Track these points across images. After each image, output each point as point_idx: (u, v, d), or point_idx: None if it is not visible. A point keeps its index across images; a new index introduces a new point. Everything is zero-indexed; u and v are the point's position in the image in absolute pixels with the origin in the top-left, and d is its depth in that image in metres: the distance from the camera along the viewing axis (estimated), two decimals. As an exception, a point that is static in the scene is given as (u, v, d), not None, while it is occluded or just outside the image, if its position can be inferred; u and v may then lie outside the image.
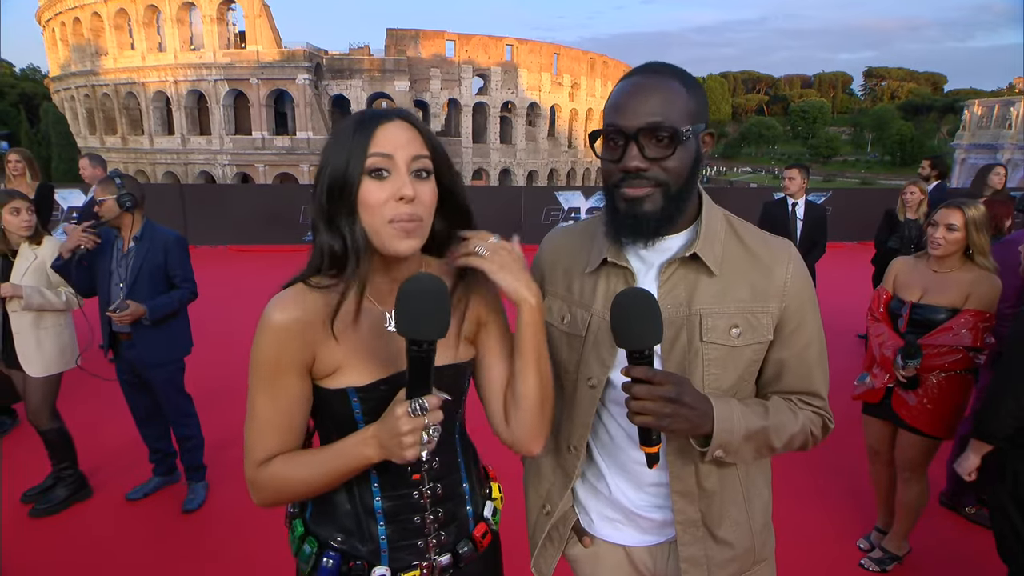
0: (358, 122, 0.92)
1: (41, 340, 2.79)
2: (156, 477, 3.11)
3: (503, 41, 39.71)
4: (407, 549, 1.04)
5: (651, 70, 0.99)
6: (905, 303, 2.41)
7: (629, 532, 1.19)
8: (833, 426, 1.11)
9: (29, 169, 4.43)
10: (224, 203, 10.36)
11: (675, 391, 0.92)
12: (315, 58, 33.99)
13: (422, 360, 0.83)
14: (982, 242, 2.29)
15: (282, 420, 0.96)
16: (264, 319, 0.92)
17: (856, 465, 2.95)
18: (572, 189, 11.37)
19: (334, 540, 1.03)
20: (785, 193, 4.72)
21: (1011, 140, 27.85)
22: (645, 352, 0.92)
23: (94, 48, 35.69)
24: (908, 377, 2.32)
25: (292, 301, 0.93)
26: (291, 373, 0.94)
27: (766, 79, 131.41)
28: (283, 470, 0.95)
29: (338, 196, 0.91)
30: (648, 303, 0.91)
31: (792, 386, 1.08)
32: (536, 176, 41.76)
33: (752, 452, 1.04)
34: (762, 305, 1.04)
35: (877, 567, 2.55)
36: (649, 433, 0.95)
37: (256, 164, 33.92)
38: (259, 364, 0.93)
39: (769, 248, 1.07)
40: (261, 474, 0.95)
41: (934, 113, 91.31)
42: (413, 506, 1.04)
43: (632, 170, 0.96)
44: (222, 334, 5.08)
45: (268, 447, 0.96)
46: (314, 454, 0.97)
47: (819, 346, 1.09)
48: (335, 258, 0.93)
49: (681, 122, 0.95)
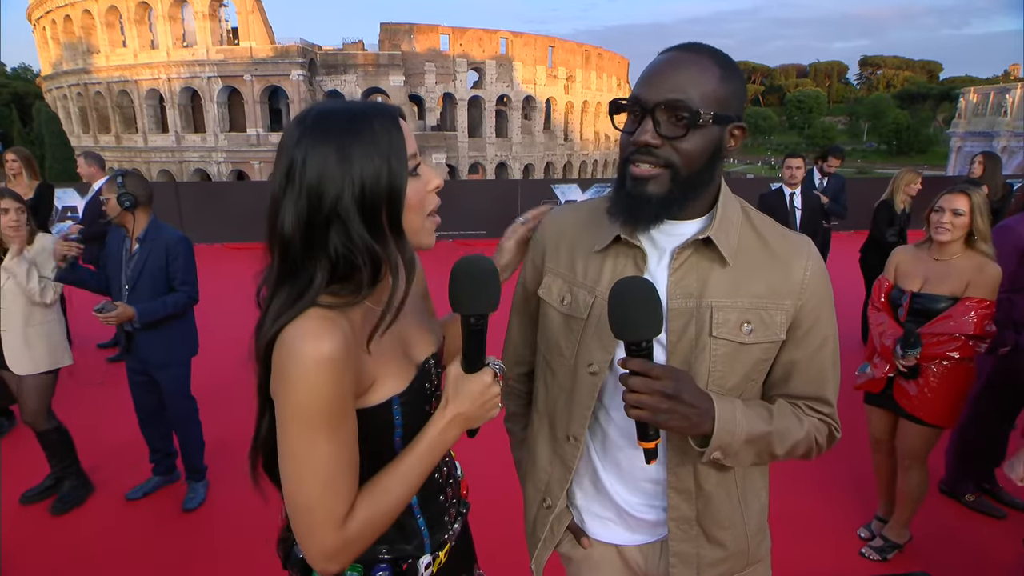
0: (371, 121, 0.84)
1: (30, 338, 2.76)
2: (156, 476, 3.10)
3: (498, 34, 39.56)
4: (440, 529, 1.06)
5: (690, 48, 0.94)
6: (905, 292, 2.40)
7: (619, 531, 1.16)
8: (839, 435, 1.07)
9: (27, 168, 4.40)
10: (220, 201, 10.32)
11: (673, 387, 0.89)
12: (309, 54, 33.84)
13: (479, 332, 0.90)
14: (985, 227, 2.29)
15: (352, 460, 0.85)
16: (303, 358, 0.78)
17: (857, 453, 2.95)
18: (568, 182, 11.36)
19: (380, 554, 0.99)
20: (791, 182, 4.71)
21: (1006, 127, 27.85)
22: (643, 344, 0.89)
23: (86, 46, 35.48)
24: (909, 367, 2.32)
25: (327, 327, 0.81)
26: (350, 405, 0.84)
27: (761, 69, 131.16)
28: (375, 508, 0.86)
29: (383, 205, 0.84)
30: (648, 292, 0.86)
31: (800, 390, 1.03)
32: (532, 170, 41.68)
33: (752, 457, 0.99)
34: (777, 302, 0.99)
35: (878, 555, 2.56)
36: (646, 428, 0.92)
37: (251, 161, 33.82)
38: (317, 410, 0.79)
39: (788, 243, 1.02)
40: (351, 530, 0.83)
41: (930, 101, 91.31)
42: (437, 487, 1.06)
43: (642, 144, 0.92)
44: (221, 333, 5.05)
45: (348, 496, 0.83)
46: (397, 470, 0.89)
47: (833, 350, 1.04)
48: (348, 273, 0.85)
49: (705, 105, 0.90)
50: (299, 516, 0.82)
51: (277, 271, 0.85)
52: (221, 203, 10.24)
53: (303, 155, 0.81)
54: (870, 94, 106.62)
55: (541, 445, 1.20)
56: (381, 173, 0.83)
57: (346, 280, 0.85)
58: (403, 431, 0.93)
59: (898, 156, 75.41)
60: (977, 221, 2.27)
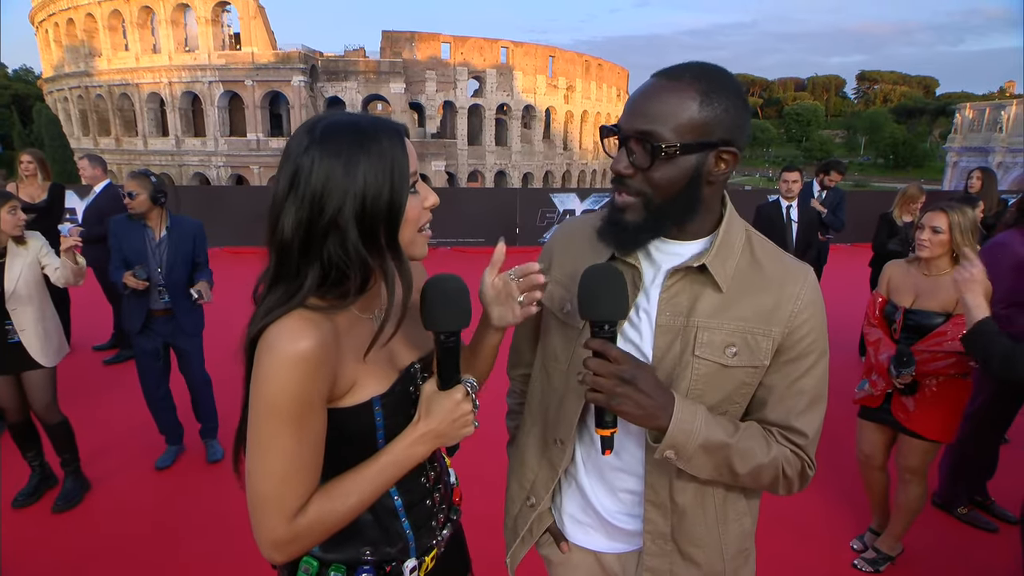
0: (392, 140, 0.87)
1: (48, 332, 2.85)
2: (172, 446, 3.44)
3: (498, 43, 39.76)
4: (426, 533, 1.07)
5: (671, 74, 0.93)
6: (899, 308, 2.42)
7: (598, 538, 1.18)
8: (813, 474, 1.03)
9: (41, 170, 4.54)
10: (219, 205, 10.32)
11: (630, 372, 0.90)
12: (310, 60, 33.95)
13: (452, 349, 0.92)
14: (966, 244, 2.29)
15: (313, 458, 0.88)
16: (279, 353, 0.82)
17: (850, 465, 2.96)
18: (567, 191, 11.37)
19: (363, 556, 1.01)
20: (787, 195, 4.76)
21: (1002, 143, 28.05)
22: (606, 327, 0.92)
23: (88, 49, 35.52)
24: (906, 384, 2.33)
25: (307, 328, 0.84)
26: (319, 405, 0.87)
27: (760, 82, 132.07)
28: (329, 507, 0.88)
29: (383, 220, 0.87)
30: (614, 276, 0.91)
31: (775, 417, 1.01)
32: (531, 178, 41.77)
33: (710, 467, 0.97)
34: (765, 328, 0.98)
35: (870, 567, 2.57)
36: (603, 414, 0.94)
37: (251, 166, 33.82)
38: (284, 404, 0.82)
39: (784, 270, 1.01)
40: (300, 524, 0.86)
41: (926, 116, 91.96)
42: (423, 492, 1.08)
43: (616, 174, 0.96)
44: (221, 337, 5.05)
45: (302, 492, 0.87)
46: (359, 476, 0.91)
47: (816, 381, 1.01)
48: (338, 279, 0.88)
49: (678, 135, 0.90)
50: (254, 503, 0.86)
51: (273, 271, 0.89)
52: (221, 207, 10.23)
53: (310, 164, 0.84)
54: (867, 108, 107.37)
55: (531, 445, 1.23)
56: (383, 190, 0.85)
57: (336, 285, 0.89)
58: (385, 432, 0.95)
59: (895, 170, 75.82)
60: (957, 238, 2.29)
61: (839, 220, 5.44)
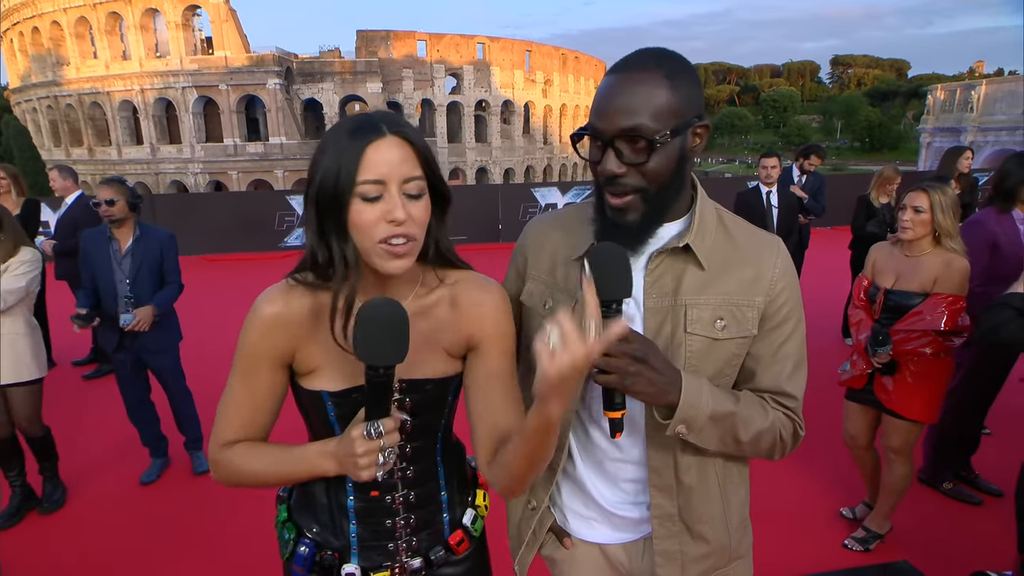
0: (351, 132, 0.87)
1: (31, 346, 2.80)
2: (156, 459, 3.39)
3: (474, 40, 39.63)
4: (377, 550, 1.06)
5: (633, 66, 0.94)
6: (880, 289, 2.45)
7: (603, 530, 1.18)
8: (804, 434, 1.08)
9: (15, 186, 4.46)
10: (197, 212, 10.18)
11: (642, 351, 0.91)
12: (285, 62, 33.57)
13: (380, 385, 0.83)
14: (948, 224, 2.33)
15: (253, 408, 0.99)
16: (253, 309, 0.96)
17: (839, 446, 3.00)
18: (549, 185, 11.38)
19: (310, 530, 1.07)
20: (766, 181, 4.79)
21: (973, 123, 28.49)
22: (612, 306, 0.89)
23: (55, 58, 34.80)
24: (883, 363, 2.36)
25: (277, 295, 0.96)
26: (267, 364, 0.97)
27: (736, 70, 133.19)
28: (241, 458, 0.98)
29: (326, 211, 0.88)
30: (619, 255, 0.90)
31: (766, 384, 1.05)
32: (512, 174, 41.76)
33: (717, 438, 1.00)
34: (748, 299, 1.02)
35: (860, 546, 2.60)
36: (612, 396, 0.93)
37: (229, 171, 33.40)
38: (241, 351, 0.97)
39: (758, 242, 1.06)
40: (222, 455, 0.99)
41: (899, 99, 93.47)
42: (385, 510, 1.05)
43: (609, 175, 0.95)
44: (200, 347, 4.98)
45: (234, 431, 0.99)
46: (274, 452, 0.99)
47: (798, 345, 1.06)
48: (322, 263, 0.92)
49: (660, 124, 0.91)
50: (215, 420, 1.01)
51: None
52: (199, 214, 10.10)
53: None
54: (842, 92, 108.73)
55: None
56: (329, 179, 0.87)
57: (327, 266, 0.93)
58: (340, 427, 0.98)
59: (871, 152, 76.96)
60: (938, 218, 2.32)
61: (820, 205, 5.50)
